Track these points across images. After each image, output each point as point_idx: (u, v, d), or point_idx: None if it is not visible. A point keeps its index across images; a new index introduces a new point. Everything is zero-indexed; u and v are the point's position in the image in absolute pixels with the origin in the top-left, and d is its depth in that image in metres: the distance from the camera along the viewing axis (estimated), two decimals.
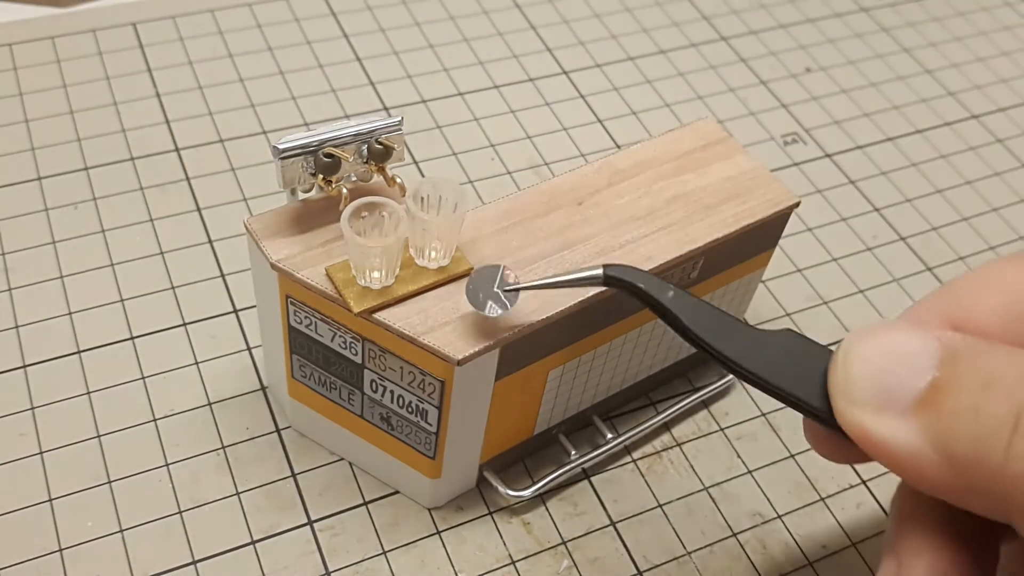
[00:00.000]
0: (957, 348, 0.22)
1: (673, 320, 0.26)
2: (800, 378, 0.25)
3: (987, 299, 0.24)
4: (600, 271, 0.27)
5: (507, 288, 0.28)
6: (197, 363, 0.37)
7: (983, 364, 0.21)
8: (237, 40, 0.49)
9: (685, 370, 0.38)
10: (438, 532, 0.34)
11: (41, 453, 0.34)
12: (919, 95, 0.52)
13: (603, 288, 0.29)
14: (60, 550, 0.32)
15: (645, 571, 0.33)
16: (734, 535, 0.35)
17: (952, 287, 0.25)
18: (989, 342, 0.22)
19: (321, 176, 0.29)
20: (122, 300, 0.38)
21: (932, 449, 0.21)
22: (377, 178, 0.30)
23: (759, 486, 0.36)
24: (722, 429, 0.37)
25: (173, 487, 0.34)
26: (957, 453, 0.21)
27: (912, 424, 0.22)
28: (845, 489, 0.36)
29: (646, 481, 0.36)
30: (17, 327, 0.37)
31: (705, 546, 0.34)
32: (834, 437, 0.24)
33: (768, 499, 0.36)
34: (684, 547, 0.34)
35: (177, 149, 0.44)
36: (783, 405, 0.38)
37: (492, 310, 0.28)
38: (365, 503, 0.34)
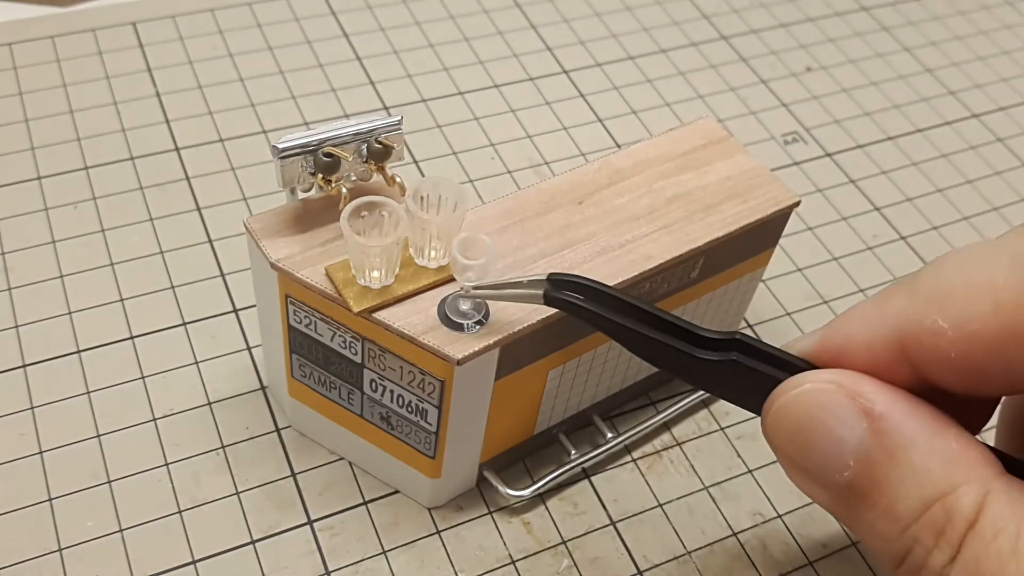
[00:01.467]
0: (879, 446, 0.22)
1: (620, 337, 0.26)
2: (748, 400, 0.25)
3: (857, 333, 0.23)
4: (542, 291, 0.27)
5: (463, 307, 0.28)
6: (197, 363, 0.37)
7: (897, 467, 0.21)
8: (237, 39, 0.49)
9: None
10: (438, 532, 0.34)
11: (41, 453, 0.34)
12: (920, 94, 0.52)
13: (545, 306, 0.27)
14: (60, 550, 0.32)
15: (645, 571, 0.33)
16: (734, 534, 0.35)
17: (829, 327, 0.25)
18: (903, 428, 0.22)
19: (321, 175, 0.29)
20: (122, 300, 0.38)
21: (860, 519, 0.22)
22: (377, 177, 0.30)
23: (759, 485, 0.36)
24: (722, 429, 0.37)
25: (173, 487, 0.34)
26: (867, 541, 0.23)
27: (840, 499, 0.22)
28: None
29: (646, 481, 0.36)
30: (17, 327, 0.37)
31: (705, 545, 0.34)
32: None
33: (768, 498, 0.36)
34: (684, 547, 0.34)
35: (177, 149, 0.44)
36: None
37: (471, 329, 0.28)
38: (365, 503, 0.34)
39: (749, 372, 0.25)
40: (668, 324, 0.26)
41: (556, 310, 0.28)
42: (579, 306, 0.26)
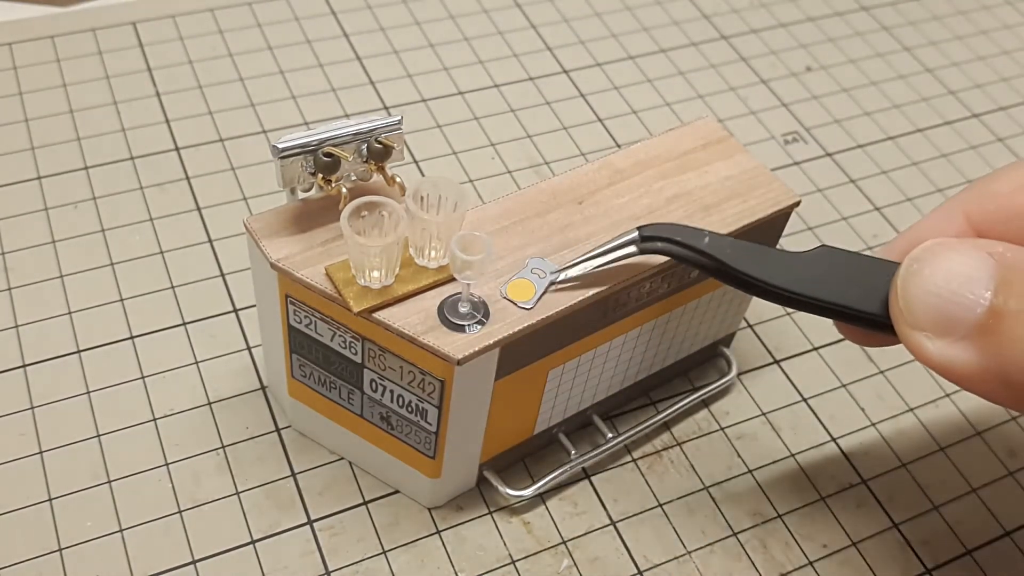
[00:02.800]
0: (1010, 269, 0.23)
1: (719, 267, 0.27)
2: (850, 291, 0.26)
3: (1010, 201, 0.27)
4: (635, 234, 0.29)
5: (555, 280, 0.29)
6: (197, 363, 0.37)
7: None
8: (237, 39, 0.49)
9: (685, 370, 0.38)
10: (438, 532, 0.34)
11: (41, 453, 0.34)
12: (920, 94, 0.52)
13: (637, 254, 0.29)
14: (60, 550, 0.32)
15: (645, 571, 0.33)
16: (734, 535, 0.35)
17: (979, 185, 0.28)
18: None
19: (321, 175, 0.29)
20: (122, 300, 0.38)
21: (989, 372, 0.23)
22: (377, 177, 0.30)
23: (759, 485, 0.36)
24: (722, 428, 0.37)
25: (173, 487, 0.34)
26: (1013, 377, 0.23)
27: (971, 349, 0.23)
28: (845, 488, 0.36)
29: (646, 480, 0.36)
30: (17, 327, 0.37)
31: (705, 545, 0.34)
32: (875, 334, 0.27)
33: (768, 498, 0.36)
34: (684, 546, 0.34)
35: (177, 148, 0.44)
36: (783, 405, 0.38)
37: (471, 329, 0.28)
38: (365, 503, 0.34)
39: (843, 257, 0.27)
40: (755, 249, 0.27)
41: (558, 309, 0.29)
42: (673, 245, 0.28)
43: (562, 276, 0.29)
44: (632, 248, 0.29)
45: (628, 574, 0.33)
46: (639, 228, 0.29)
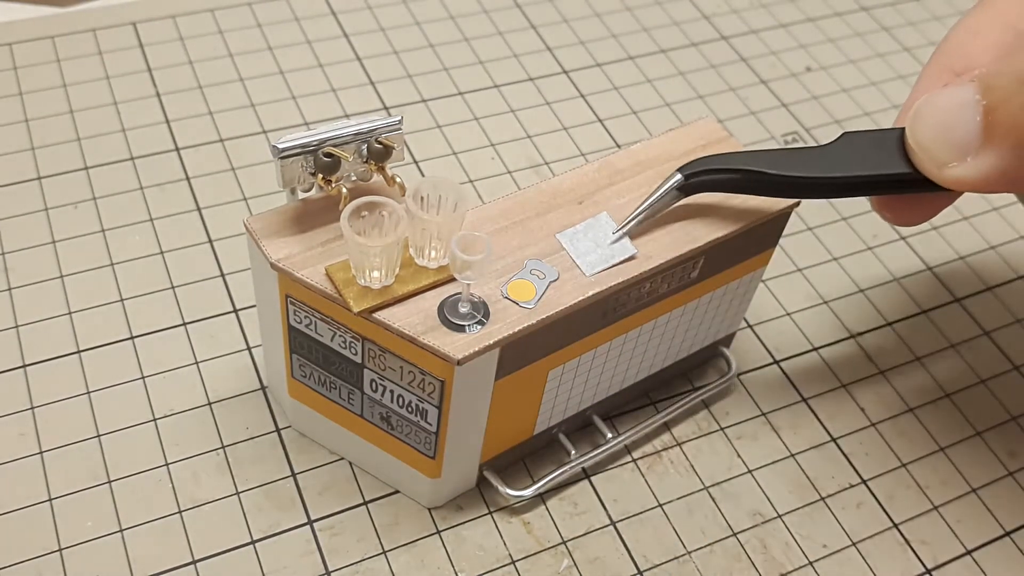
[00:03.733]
0: (988, 76, 0.27)
1: (758, 181, 0.30)
2: (877, 161, 0.29)
3: (979, 42, 0.31)
4: (679, 177, 0.31)
5: (614, 240, 0.30)
6: (197, 363, 0.37)
7: (1008, 72, 0.27)
8: (237, 39, 0.49)
9: (685, 370, 0.38)
10: (438, 532, 0.34)
11: (41, 453, 0.34)
12: None
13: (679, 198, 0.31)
14: (60, 550, 0.32)
15: (645, 571, 0.33)
16: (734, 535, 0.35)
17: (946, 42, 0.31)
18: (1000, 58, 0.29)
19: (321, 175, 0.29)
20: (122, 300, 0.38)
21: (1012, 166, 0.27)
22: (377, 177, 0.30)
23: (759, 486, 0.36)
24: (722, 429, 0.37)
25: (173, 487, 0.34)
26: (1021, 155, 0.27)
27: (990, 155, 0.27)
28: (845, 488, 0.36)
29: (646, 481, 0.36)
30: (17, 327, 0.37)
31: (705, 546, 0.34)
32: (912, 199, 0.31)
33: (768, 499, 0.36)
34: (684, 547, 0.34)
35: (177, 149, 0.44)
36: (784, 404, 0.38)
37: (471, 329, 0.28)
38: (365, 503, 0.34)
39: (863, 137, 0.30)
40: (787, 152, 0.30)
41: (558, 309, 0.29)
42: (714, 175, 0.31)
43: (620, 233, 0.31)
44: (677, 192, 0.31)
45: (628, 574, 0.33)
46: (680, 169, 0.31)
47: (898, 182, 0.29)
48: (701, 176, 0.31)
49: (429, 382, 0.29)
